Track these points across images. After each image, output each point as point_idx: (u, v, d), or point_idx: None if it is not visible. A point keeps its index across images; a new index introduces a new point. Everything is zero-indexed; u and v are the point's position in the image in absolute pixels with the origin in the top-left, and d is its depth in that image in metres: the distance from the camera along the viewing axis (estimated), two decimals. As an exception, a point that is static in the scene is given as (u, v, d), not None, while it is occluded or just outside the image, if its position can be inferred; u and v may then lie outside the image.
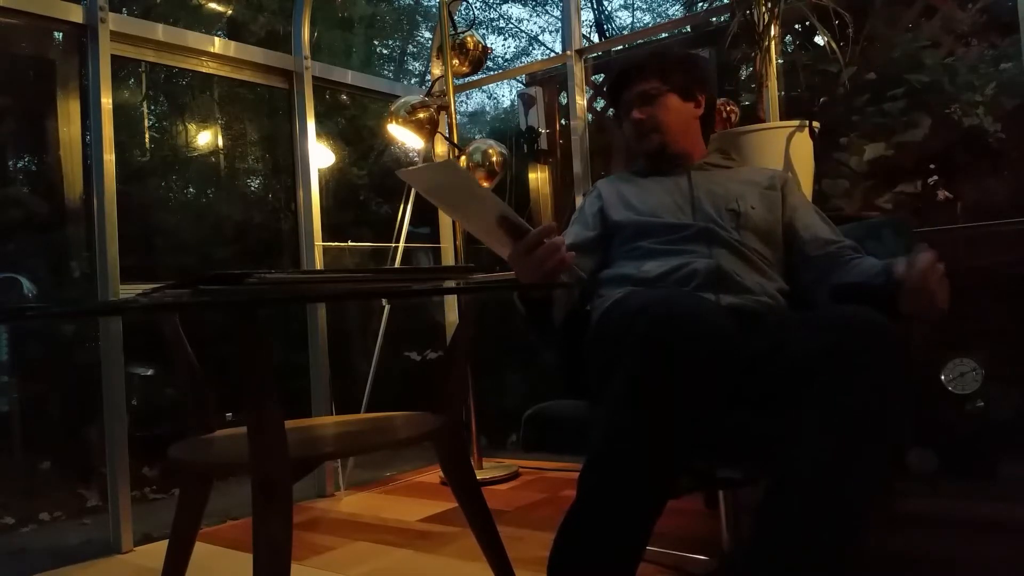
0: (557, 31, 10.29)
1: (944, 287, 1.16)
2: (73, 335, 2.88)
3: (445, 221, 3.20)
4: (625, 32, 9.68)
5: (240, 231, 3.62)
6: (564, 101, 3.44)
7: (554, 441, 1.45)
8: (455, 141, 2.80)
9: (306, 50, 2.82)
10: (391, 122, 2.82)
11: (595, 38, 9.00)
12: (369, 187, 4.03)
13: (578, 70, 2.80)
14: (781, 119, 2.11)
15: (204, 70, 2.63)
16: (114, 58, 2.26)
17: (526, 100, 3.57)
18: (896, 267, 1.22)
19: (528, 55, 10.37)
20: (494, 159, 2.78)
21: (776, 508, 1.04)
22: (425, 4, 6.57)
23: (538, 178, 3.53)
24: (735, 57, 2.17)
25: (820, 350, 1.07)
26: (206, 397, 1.39)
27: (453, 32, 2.87)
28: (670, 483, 1.12)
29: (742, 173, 1.62)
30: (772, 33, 2.02)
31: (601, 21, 9.51)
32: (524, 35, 10.52)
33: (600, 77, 3.36)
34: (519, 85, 4.90)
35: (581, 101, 2.81)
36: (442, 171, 1.36)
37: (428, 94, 2.93)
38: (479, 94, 8.88)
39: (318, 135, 2.85)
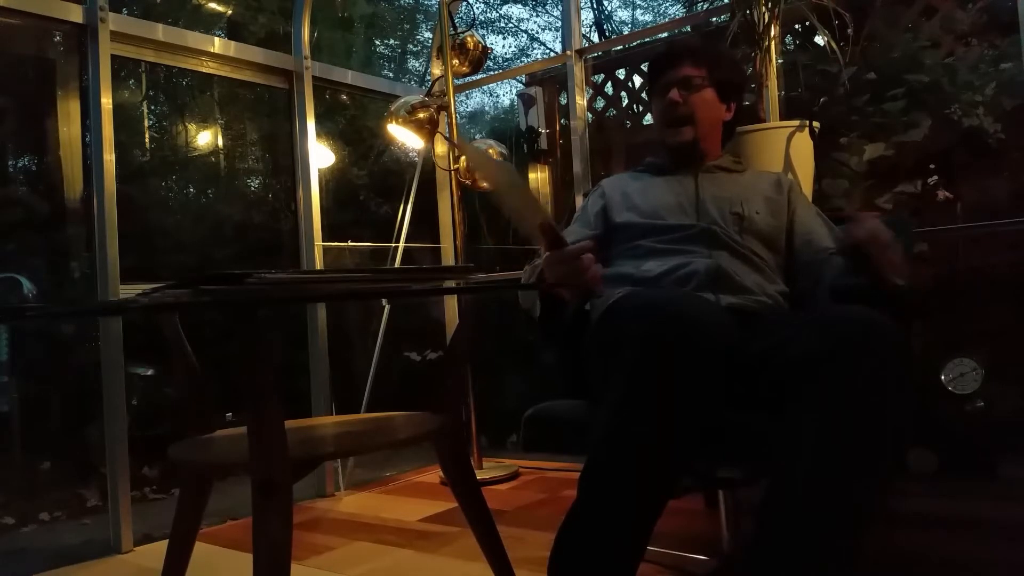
0: (557, 30, 10.29)
1: (896, 248, 1.17)
2: (73, 335, 2.88)
3: (445, 221, 3.20)
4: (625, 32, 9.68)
5: (240, 231, 3.62)
6: (564, 101, 3.44)
7: (554, 441, 1.45)
8: (455, 141, 2.80)
9: (306, 50, 2.82)
10: (391, 122, 2.82)
11: (595, 38, 9.01)
12: (369, 187, 4.03)
13: (578, 70, 2.80)
14: (781, 119, 2.11)
15: (204, 70, 2.62)
16: (114, 58, 2.26)
17: (526, 100, 3.57)
18: (838, 235, 1.23)
19: (528, 55, 10.37)
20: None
21: (776, 508, 1.04)
22: (425, 4, 6.57)
23: (538, 178, 3.53)
24: (735, 57, 2.18)
25: (820, 349, 1.07)
26: (206, 397, 1.39)
27: (453, 32, 2.87)
28: (670, 483, 1.12)
29: (749, 177, 1.61)
30: (772, 33, 2.02)
31: (601, 21, 9.52)
32: (524, 34, 10.51)
33: (600, 77, 3.36)
34: (519, 85, 4.90)
35: (581, 101, 2.80)
36: (500, 171, 1.36)
37: (428, 94, 2.93)
38: (479, 94, 8.89)
39: (318, 135, 2.85)
